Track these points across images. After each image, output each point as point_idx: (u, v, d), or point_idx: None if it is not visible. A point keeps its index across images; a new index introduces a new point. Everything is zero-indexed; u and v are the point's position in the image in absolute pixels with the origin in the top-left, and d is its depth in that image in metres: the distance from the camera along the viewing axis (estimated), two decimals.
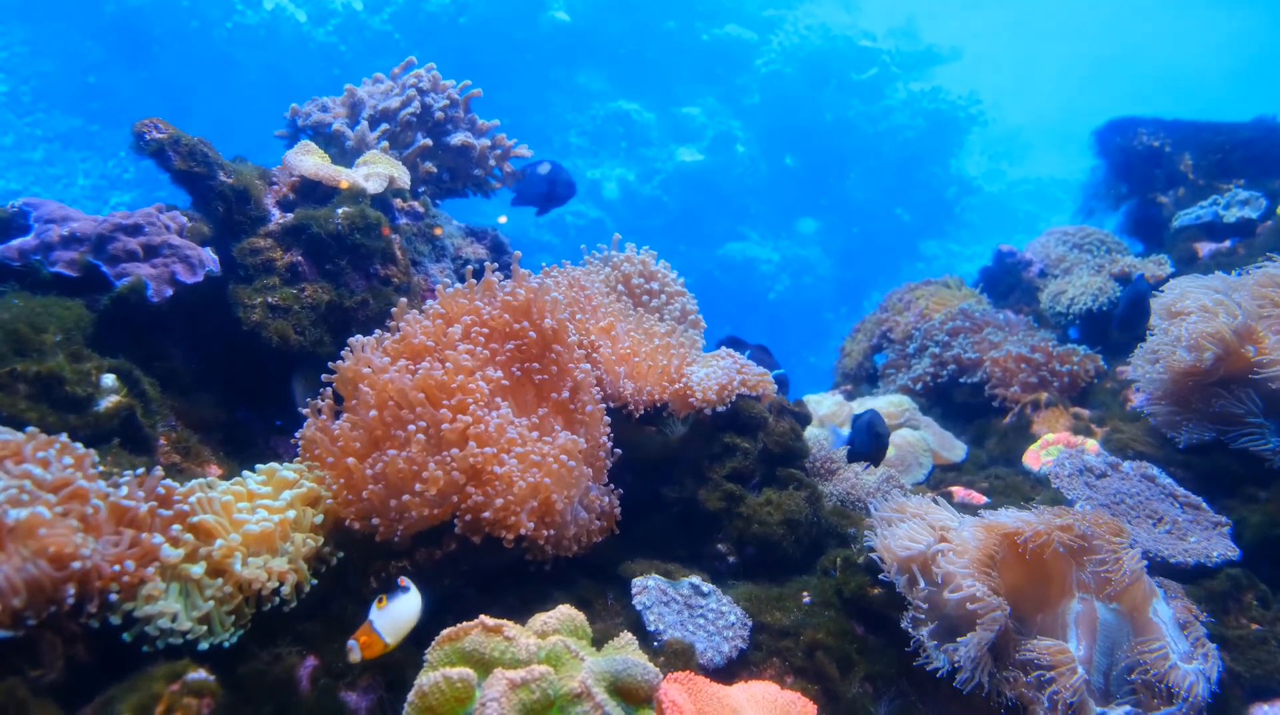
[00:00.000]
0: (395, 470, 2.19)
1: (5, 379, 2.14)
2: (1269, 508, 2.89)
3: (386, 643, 1.84)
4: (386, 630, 1.85)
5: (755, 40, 19.20)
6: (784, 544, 2.67)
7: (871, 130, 19.16)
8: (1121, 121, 5.60)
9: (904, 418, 3.97)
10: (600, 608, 2.38)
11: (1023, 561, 2.28)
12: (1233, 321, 2.99)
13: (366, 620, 1.86)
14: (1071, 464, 3.17)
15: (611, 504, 2.58)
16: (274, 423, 3.00)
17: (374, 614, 1.86)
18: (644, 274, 3.29)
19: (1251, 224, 4.66)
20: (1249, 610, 2.58)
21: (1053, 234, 5.38)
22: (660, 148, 18.53)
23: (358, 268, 2.97)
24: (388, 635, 1.85)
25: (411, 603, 1.89)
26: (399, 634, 1.87)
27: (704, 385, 2.81)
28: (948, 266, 17.01)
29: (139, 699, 1.68)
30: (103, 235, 2.62)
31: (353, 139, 3.50)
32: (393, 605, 1.87)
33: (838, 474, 3.31)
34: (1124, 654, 2.17)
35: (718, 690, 1.97)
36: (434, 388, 2.30)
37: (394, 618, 1.86)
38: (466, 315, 2.54)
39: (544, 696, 1.65)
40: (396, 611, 1.87)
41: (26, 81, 15.52)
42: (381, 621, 1.85)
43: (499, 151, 3.88)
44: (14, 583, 1.61)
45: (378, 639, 1.84)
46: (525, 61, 17.57)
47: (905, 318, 4.91)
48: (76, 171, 15.54)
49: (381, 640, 1.84)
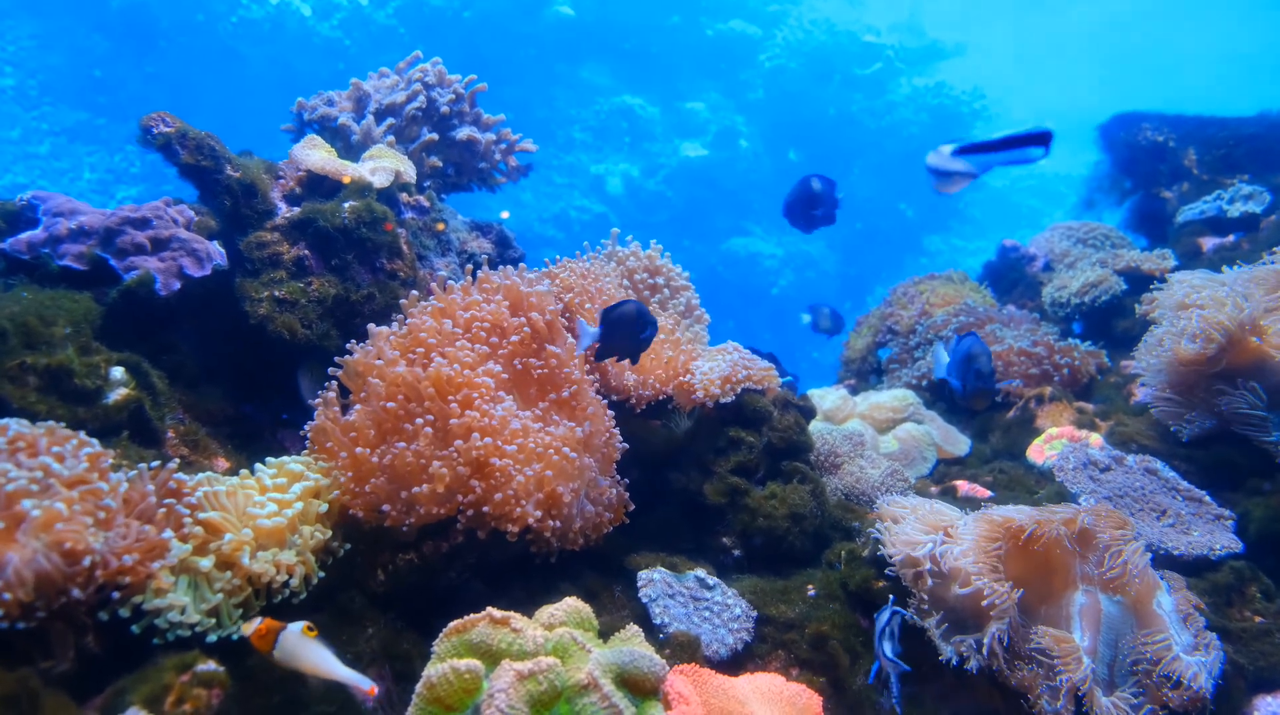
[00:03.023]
0: (403, 463, 2.21)
1: (15, 371, 2.15)
2: (1272, 501, 2.89)
3: (273, 650, 1.77)
4: (286, 648, 1.77)
5: (759, 35, 19.17)
6: (789, 537, 2.69)
7: (875, 125, 19.12)
8: (1126, 116, 5.59)
9: (908, 412, 3.98)
10: (607, 600, 2.39)
11: (1027, 555, 2.28)
12: (1238, 313, 2.99)
13: (288, 627, 1.79)
14: (1075, 458, 3.18)
15: (620, 495, 2.59)
16: (280, 416, 3.01)
17: (297, 628, 1.79)
18: (649, 269, 3.30)
19: (1255, 218, 4.65)
20: (1252, 603, 2.59)
21: (1056, 229, 5.37)
22: (664, 143, 18.52)
23: (364, 262, 2.98)
24: (282, 650, 1.77)
25: (323, 656, 1.79)
26: (291, 660, 1.79)
27: (707, 378, 2.82)
28: (951, 261, 16.98)
29: (150, 689, 1.70)
30: (111, 229, 2.64)
31: (358, 133, 3.51)
32: (315, 645, 1.79)
33: (842, 467, 3.32)
34: (1127, 646, 2.17)
35: (723, 682, 1.98)
36: (441, 382, 2.31)
37: (301, 650, 1.78)
38: (465, 310, 2.56)
39: (551, 688, 1.66)
40: (309, 651, 1.78)
41: (33, 75, 15.53)
42: (291, 639, 1.78)
43: (504, 146, 3.89)
44: (23, 575, 1.62)
45: (271, 639, 1.77)
46: (529, 56, 17.58)
47: (909, 312, 4.91)
48: (83, 165, 15.55)
49: (273, 642, 1.77)
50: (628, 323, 2.57)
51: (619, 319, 2.58)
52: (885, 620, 2.09)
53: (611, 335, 2.58)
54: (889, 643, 2.06)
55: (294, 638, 1.78)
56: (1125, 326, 4.34)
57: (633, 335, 2.58)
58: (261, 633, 1.78)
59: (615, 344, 2.60)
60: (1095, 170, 5.75)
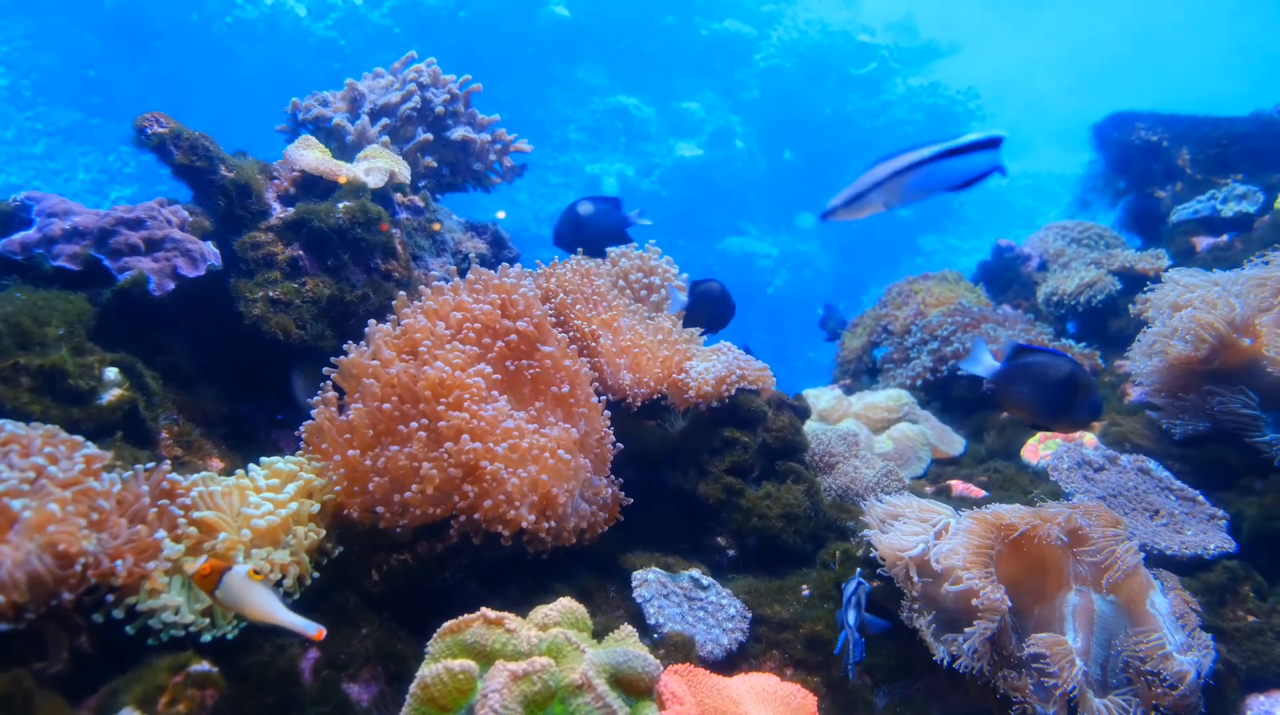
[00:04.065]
0: (397, 465, 2.21)
1: (8, 372, 2.15)
2: (1266, 500, 2.90)
3: (215, 590, 1.74)
4: (230, 589, 1.74)
5: (754, 35, 19.19)
6: (783, 537, 2.69)
7: (870, 125, 19.15)
8: (1119, 116, 5.60)
9: (902, 412, 3.98)
10: (601, 600, 2.40)
11: (1020, 554, 2.29)
12: (1230, 313, 3.00)
13: (234, 568, 1.77)
14: (1070, 457, 3.19)
15: (615, 495, 2.59)
16: (275, 416, 3.01)
17: (243, 570, 1.76)
18: (643, 269, 3.30)
19: (1249, 218, 4.66)
20: (1245, 602, 2.60)
21: (1051, 228, 5.38)
22: (659, 142, 18.52)
23: (359, 262, 2.98)
24: (225, 592, 1.74)
25: (267, 600, 1.75)
26: (234, 602, 1.75)
27: (701, 378, 2.82)
28: (946, 261, 17.01)
29: (143, 690, 1.69)
30: (105, 229, 2.63)
31: (353, 133, 3.51)
32: (259, 588, 1.76)
33: (837, 467, 3.33)
34: (1121, 645, 2.18)
35: (718, 682, 1.98)
36: (433, 384, 2.31)
37: (245, 593, 1.74)
38: (456, 311, 2.56)
39: (545, 688, 1.66)
40: (253, 594, 1.75)
41: (27, 75, 15.50)
42: (236, 580, 1.75)
43: (499, 146, 3.89)
44: (15, 577, 1.62)
45: (215, 580, 1.74)
46: (525, 56, 17.57)
47: (904, 312, 4.91)
48: (77, 166, 15.52)
49: (216, 582, 1.74)
50: (713, 297, 2.99)
51: (705, 293, 2.99)
52: (851, 591, 2.10)
53: (698, 306, 2.97)
54: (853, 611, 2.07)
55: (239, 579, 1.75)
56: (1120, 326, 4.34)
57: (715, 309, 2.99)
58: (205, 572, 1.75)
59: (700, 314, 2.99)
60: (1090, 170, 5.76)
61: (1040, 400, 2.66)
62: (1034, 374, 2.67)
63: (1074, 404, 2.64)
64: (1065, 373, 2.65)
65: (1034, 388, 2.66)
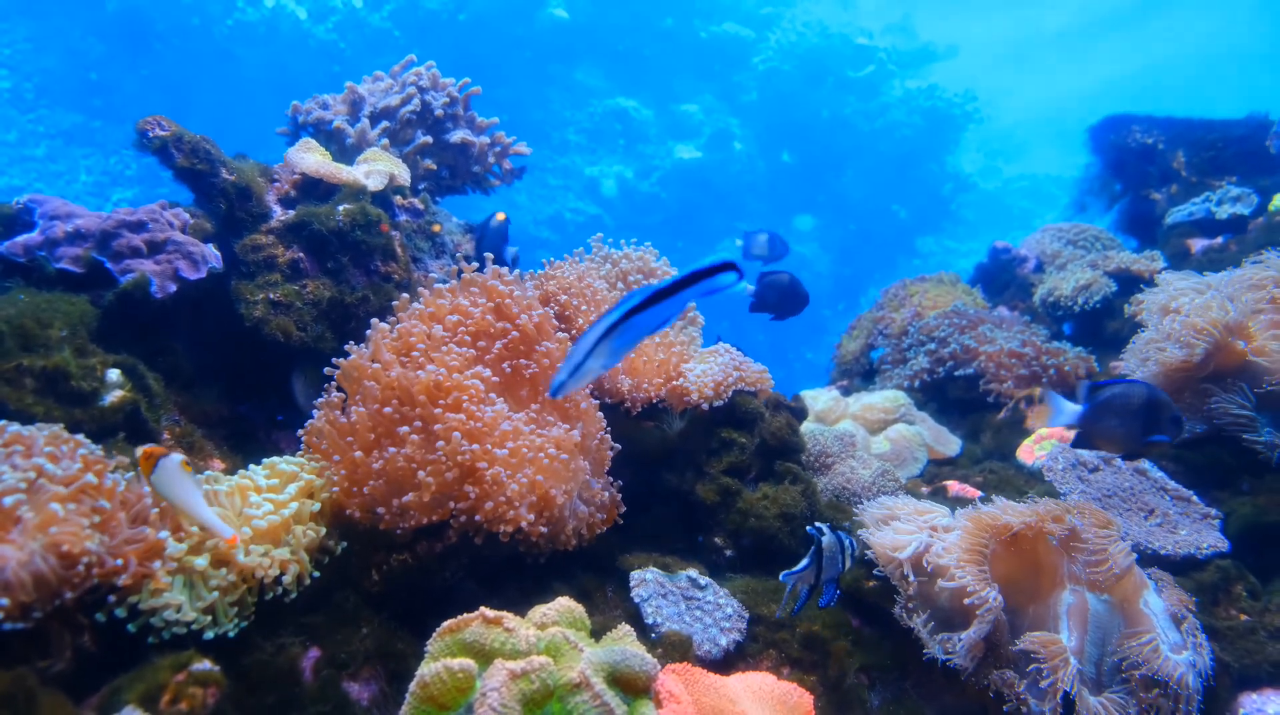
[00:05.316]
0: (396, 467, 2.22)
1: (12, 373, 2.17)
2: (1258, 500, 2.93)
3: (151, 475, 1.86)
4: (161, 475, 1.85)
5: (753, 38, 19.20)
6: (780, 537, 2.71)
7: (868, 127, 19.17)
8: (1115, 119, 5.62)
9: (899, 413, 4.00)
10: (599, 600, 2.41)
11: (1014, 554, 2.31)
12: (1224, 316, 3.02)
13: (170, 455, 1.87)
14: (1065, 458, 3.21)
15: (613, 496, 2.61)
16: (275, 417, 3.03)
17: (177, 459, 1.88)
18: (642, 270, 3.31)
19: (1243, 220, 4.69)
20: (1238, 601, 2.61)
21: (1048, 230, 5.40)
22: (658, 145, 18.54)
23: (359, 264, 3.00)
24: (158, 477, 1.86)
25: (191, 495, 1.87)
26: (163, 489, 1.87)
27: (700, 381, 2.84)
28: (944, 263, 17.04)
29: (146, 688, 1.71)
30: (107, 232, 2.65)
31: (353, 136, 3.52)
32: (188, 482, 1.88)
33: (833, 468, 3.34)
34: (1115, 645, 2.19)
35: (715, 681, 2.00)
36: (430, 386, 2.33)
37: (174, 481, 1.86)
38: (452, 314, 2.57)
39: (543, 686, 1.68)
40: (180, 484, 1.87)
41: (29, 78, 15.50)
42: (169, 467, 1.86)
43: (498, 148, 3.91)
44: (20, 577, 1.64)
45: (151, 465, 1.86)
46: (524, 58, 17.58)
47: (901, 314, 4.93)
48: (79, 168, 15.53)
49: (152, 466, 1.86)
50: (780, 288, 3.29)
51: (772, 283, 3.28)
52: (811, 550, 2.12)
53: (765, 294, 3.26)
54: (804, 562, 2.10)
55: (171, 466, 1.85)
56: (1115, 327, 4.36)
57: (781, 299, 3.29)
58: (147, 455, 1.86)
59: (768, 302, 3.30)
60: (1086, 172, 5.79)
61: (1131, 429, 2.72)
62: (1116, 407, 2.72)
63: (1160, 424, 2.71)
64: (1144, 398, 2.72)
65: (1120, 419, 2.72)
